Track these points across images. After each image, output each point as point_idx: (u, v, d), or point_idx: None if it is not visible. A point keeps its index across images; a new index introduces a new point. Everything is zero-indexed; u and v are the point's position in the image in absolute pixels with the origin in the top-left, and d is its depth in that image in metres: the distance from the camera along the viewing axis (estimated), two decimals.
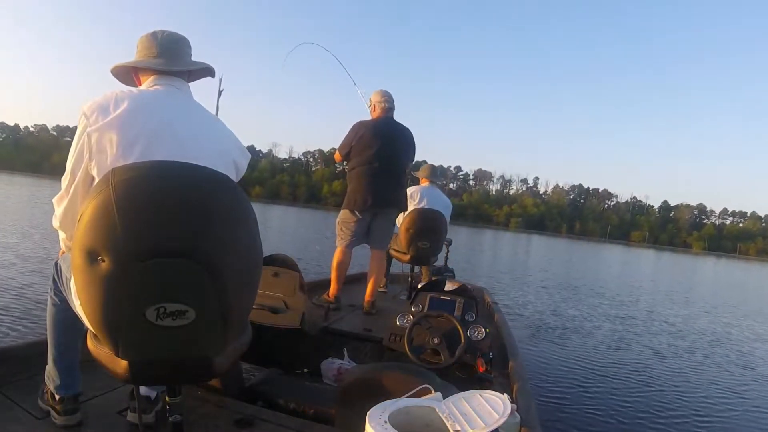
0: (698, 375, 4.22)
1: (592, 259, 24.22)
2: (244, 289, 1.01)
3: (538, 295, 8.25)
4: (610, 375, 3.91)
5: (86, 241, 0.87)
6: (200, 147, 1.13)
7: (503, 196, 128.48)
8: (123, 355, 0.93)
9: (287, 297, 2.14)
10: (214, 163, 1.05)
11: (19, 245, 6.63)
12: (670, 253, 67.62)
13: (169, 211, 0.88)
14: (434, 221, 3.70)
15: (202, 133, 1.16)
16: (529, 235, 69.88)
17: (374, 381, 1.37)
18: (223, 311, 0.94)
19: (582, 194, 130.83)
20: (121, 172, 0.90)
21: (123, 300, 0.88)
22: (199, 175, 0.96)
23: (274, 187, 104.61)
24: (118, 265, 0.86)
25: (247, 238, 0.99)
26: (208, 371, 1.02)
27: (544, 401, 3.02)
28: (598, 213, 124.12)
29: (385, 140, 2.98)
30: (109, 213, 0.86)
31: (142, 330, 0.90)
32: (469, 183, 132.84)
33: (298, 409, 1.70)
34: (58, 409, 1.26)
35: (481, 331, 2.17)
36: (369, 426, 1.03)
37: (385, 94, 3.10)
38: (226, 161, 1.18)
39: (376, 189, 2.96)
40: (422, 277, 4.12)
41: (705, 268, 30.89)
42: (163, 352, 0.95)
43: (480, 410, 1.11)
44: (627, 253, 42.14)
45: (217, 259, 0.91)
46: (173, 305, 0.89)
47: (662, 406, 3.28)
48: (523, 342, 4.46)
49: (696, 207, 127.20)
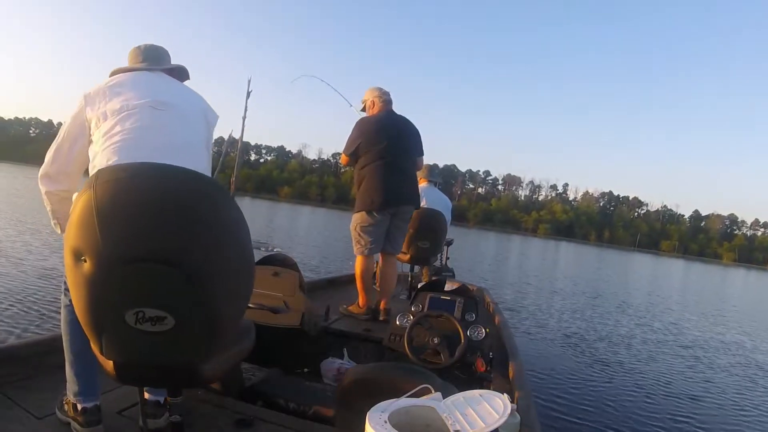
0: (697, 379, 4.25)
1: (617, 268, 23.92)
2: (232, 297, 0.99)
3: (549, 298, 8.27)
4: (610, 375, 3.93)
5: (72, 240, 0.88)
6: (173, 94, 1.36)
7: (532, 201, 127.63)
8: (107, 355, 0.94)
9: (287, 297, 2.13)
10: (185, 106, 1.34)
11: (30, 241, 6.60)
12: (700, 263, 67.39)
13: (148, 216, 0.87)
14: (434, 221, 3.70)
15: (177, 90, 1.41)
16: (557, 242, 70.13)
17: (374, 381, 1.37)
18: (208, 319, 0.93)
19: (612, 201, 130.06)
20: (103, 175, 0.90)
21: (104, 302, 0.89)
22: (181, 180, 0.94)
23: (302, 187, 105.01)
24: (98, 268, 0.86)
25: (233, 244, 0.96)
26: (195, 377, 1.01)
27: (544, 401, 3.03)
28: (627, 221, 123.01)
29: (393, 133, 2.84)
30: (90, 215, 0.86)
31: (123, 332, 0.90)
32: (497, 188, 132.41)
33: (298, 409, 1.70)
34: (80, 420, 1.23)
35: (481, 331, 2.17)
36: (369, 426, 1.02)
37: (381, 89, 2.99)
38: (195, 109, 1.39)
39: (392, 185, 2.77)
40: (422, 277, 4.13)
41: (733, 280, 30.65)
42: (144, 356, 0.95)
43: (480, 410, 1.11)
44: (655, 263, 42.00)
45: (199, 265, 0.89)
46: (152, 311, 0.88)
47: (662, 407, 3.30)
48: (524, 342, 4.47)
49: (727, 217, 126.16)
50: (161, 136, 1.24)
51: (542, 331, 5.32)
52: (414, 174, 3.00)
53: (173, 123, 1.29)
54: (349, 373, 1.48)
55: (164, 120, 1.27)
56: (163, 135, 1.24)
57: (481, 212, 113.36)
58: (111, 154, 1.17)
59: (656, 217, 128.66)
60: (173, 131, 1.27)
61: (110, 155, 1.17)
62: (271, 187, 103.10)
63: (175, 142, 1.25)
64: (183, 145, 1.26)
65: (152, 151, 1.17)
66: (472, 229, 70.93)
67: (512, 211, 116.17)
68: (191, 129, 1.34)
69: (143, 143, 1.20)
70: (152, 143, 1.21)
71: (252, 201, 50.07)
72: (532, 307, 6.92)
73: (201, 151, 1.33)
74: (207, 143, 1.40)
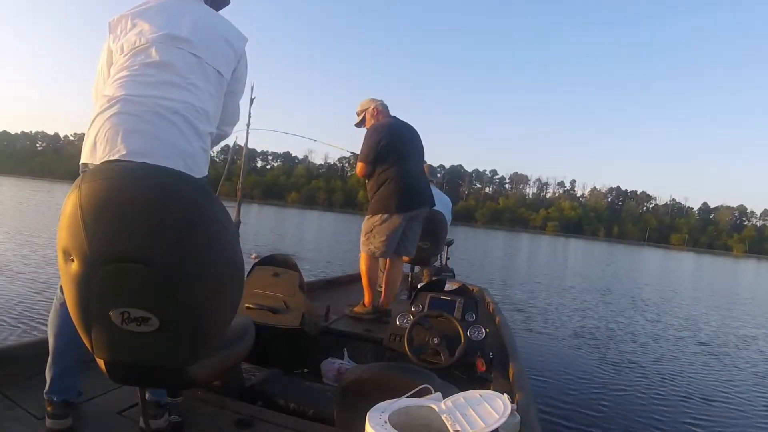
0: (699, 377, 4.20)
1: (626, 263, 23.67)
2: (217, 300, 0.98)
3: (553, 297, 8.23)
4: (611, 375, 3.91)
5: (61, 240, 0.89)
6: (195, 28, 1.32)
7: (540, 199, 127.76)
8: (97, 354, 0.95)
9: (287, 297, 2.13)
10: (203, 39, 1.31)
11: None
12: (710, 256, 66.52)
13: (128, 216, 0.88)
14: (434, 221, 3.69)
15: (201, 22, 1.36)
16: (566, 239, 69.86)
17: (374, 381, 1.37)
18: (192, 321, 0.93)
19: (620, 196, 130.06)
20: (89, 176, 0.90)
21: (90, 301, 0.89)
22: (165, 181, 0.94)
23: (309, 192, 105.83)
24: (84, 267, 0.87)
25: (218, 247, 0.96)
26: (185, 379, 1.01)
27: (544, 401, 3.01)
28: (636, 216, 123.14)
29: (406, 138, 2.90)
30: (75, 215, 0.86)
31: (110, 332, 0.91)
32: (504, 187, 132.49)
33: (298, 409, 1.70)
34: (48, 412, 1.26)
35: (481, 332, 2.17)
36: (369, 426, 1.02)
37: (377, 99, 3.02)
38: (215, 41, 1.35)
39: (415, 187, 2.82)
40: (423, 277, 4.12)
41: (745, 272, 30.29)
42: (131, 356, 0.95)
43: (480, 410, 1.11)
44: (665, 257, 41.63)
45: (179, 268, 0.89)
46: (136, 311, 0.89)
47: (662, 407, 3.27)
48: (524, 342, 4.46)
49: (736, 208, 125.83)
50: (162, 86, 1.22)
51: (543, 331, 5.30)
52: (426, 177, 3.04)
53: (179, 64, 1.26)
54: (349, 373, 1.48)
55: (173, 58, 1.25)
56: (167, 75, 1.24)
57: (488, 212, 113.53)
58: (115, 89, 1.21)
59: (665, 211, 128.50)
60: (177, 74, 1.25)
61: (115, 90, 1.21)
62: (279, 193, 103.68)
63: (179, 82, 1.24)
64: (187, 88, 1.25)
65: (151, 100, 1.19)
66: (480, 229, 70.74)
67: (520, 210, 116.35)
68: (198, 72, 1.30)
69: (145, 85, 1.21)
70: (152, 93, 1.21)
71: (260, 207, 50.11)
72: (533, 306, 6.89)
73: (203, 100, 1.29)
74: (218, 84, 1.36)
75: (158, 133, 1.19)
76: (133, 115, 1.18)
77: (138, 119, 1.18)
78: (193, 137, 1.25)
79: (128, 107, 1.19)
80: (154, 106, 1.20)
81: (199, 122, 1.27)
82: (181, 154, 1.21)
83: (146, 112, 1.19)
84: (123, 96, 1.20)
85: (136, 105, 1.19)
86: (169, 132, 1.20)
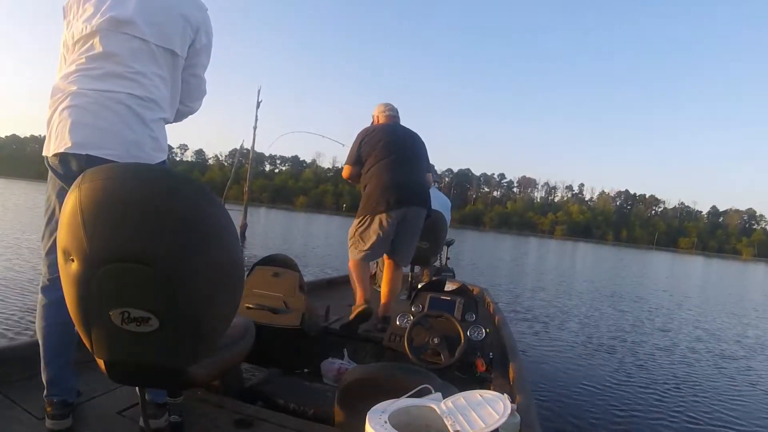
0: (699, 375, 4.15)
1: (633, 268, 23.26)
2: (217, 301, 0.98)
3: (555, 299, 8.18)
4: (610, 375, 3.87)
5: (60, 240, 0.90)
6: (141, 6, 1.28)
7: (548, 203, 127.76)
8: (97, 353, 0.95)
9: (287, 297, 2.13)
10: (150, 19, 1.27)
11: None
12: (719, 260, 65.73)
13: (126, 216, 0.88)
14: (434, 221, 3.68)
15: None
16: (574, 243, 69.55)
17: (374, 381, 1.36)
18: (191, 321, 0.93)
19: (629, 200, 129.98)
20: (89, 176, 0.90)
21: (90, 301, 0.90)
22: (166, 181, 0.94)
23: (317, 196, 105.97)
24: (84, 267, 0.87)
25: (218, 246, 0.96)
26: (184, 379, 1.01)
27: (544, 401, 3.00)
28: (645, 219, 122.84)
29: (396, 136, 2.75)
30: (75, 215, 0.87)
31: (109, 332, 0.91)
32: (512, 191, 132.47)
33: (298, 409, 1.69)
34: (48, 412, 1.27)
35: (481, 332, 2.16)
36: (369, 426, 1.01)
37: (388, 104, 2.95)
38: (167, 20, 1.31)
39: (400, 184, 2.58)
40: (422, 277, 4.11)
41: (754, 275, 29.88)
42: (131, 356, 0.95)
43: (480, 410, 1.10)
44: (674, 261, 41.20)
45: (179, 268, 0.89)
46: (136, 311, 0.89)
47: (662, 407, 3.24)
48: (524, 342, 4.44)
49: (745, 212, 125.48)
50: (107, 78, 1.24)
51: (543, 331, 5.27)
52: (425, 181, 2.82)
53: (123, 52, 1.25)
54: (349, 373, 1.47)
55: (116, 47, 1.25)
56: (111, 66, 1.24)
57: (496, 216, 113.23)
58: (67, 84, 1.24)
59: (674, 215, 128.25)
60: (121, 64, 1.25)
61: (67, 85, 1.24)
62: (287, 197, 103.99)
63: (123, 73, 1.25)
64: (131, 78, 1.26)
65: (99, 83, 1.22)
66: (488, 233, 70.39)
67: (528, 214, 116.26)
68: (144, 58, 1.28)
69: (91, 79, 1.23)
70: (98, 87, 1.23)
71: (268, 211, 50.12)
72: (535, 307, 6.86)
73: (148, 88, 1.28)
74: (172, 65, 1.34)
75: (102, 123, 1.23)
76: (79, 107, 1.23)
77: (84, 111, 1.23)
78: (138, 126, 1.27)
79: (76, 100, 1.24)
80: (99, 98, 1.24)
81: (145, 110, 1.28)
82: (124, 143, 1.24)
83: (92, 104, 1.23)
84: (73, 91, 1.24)
85: (83, 98, 1.24)
86: (113, 122, 1.24)
